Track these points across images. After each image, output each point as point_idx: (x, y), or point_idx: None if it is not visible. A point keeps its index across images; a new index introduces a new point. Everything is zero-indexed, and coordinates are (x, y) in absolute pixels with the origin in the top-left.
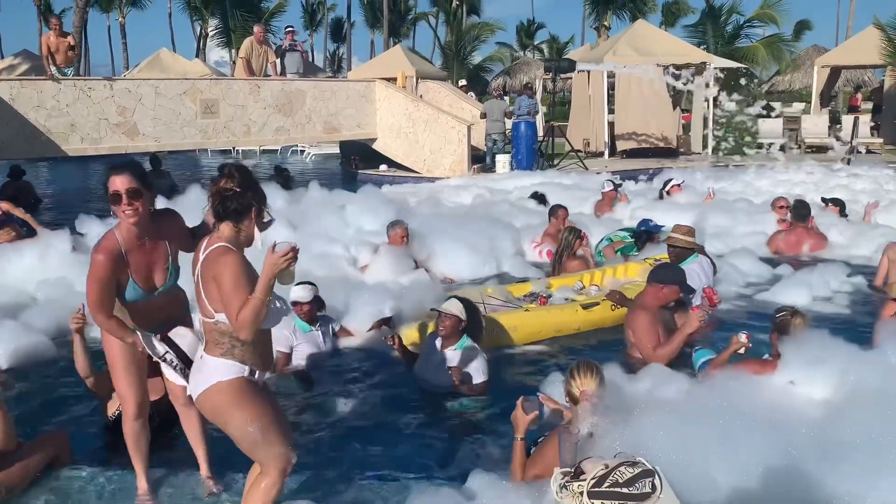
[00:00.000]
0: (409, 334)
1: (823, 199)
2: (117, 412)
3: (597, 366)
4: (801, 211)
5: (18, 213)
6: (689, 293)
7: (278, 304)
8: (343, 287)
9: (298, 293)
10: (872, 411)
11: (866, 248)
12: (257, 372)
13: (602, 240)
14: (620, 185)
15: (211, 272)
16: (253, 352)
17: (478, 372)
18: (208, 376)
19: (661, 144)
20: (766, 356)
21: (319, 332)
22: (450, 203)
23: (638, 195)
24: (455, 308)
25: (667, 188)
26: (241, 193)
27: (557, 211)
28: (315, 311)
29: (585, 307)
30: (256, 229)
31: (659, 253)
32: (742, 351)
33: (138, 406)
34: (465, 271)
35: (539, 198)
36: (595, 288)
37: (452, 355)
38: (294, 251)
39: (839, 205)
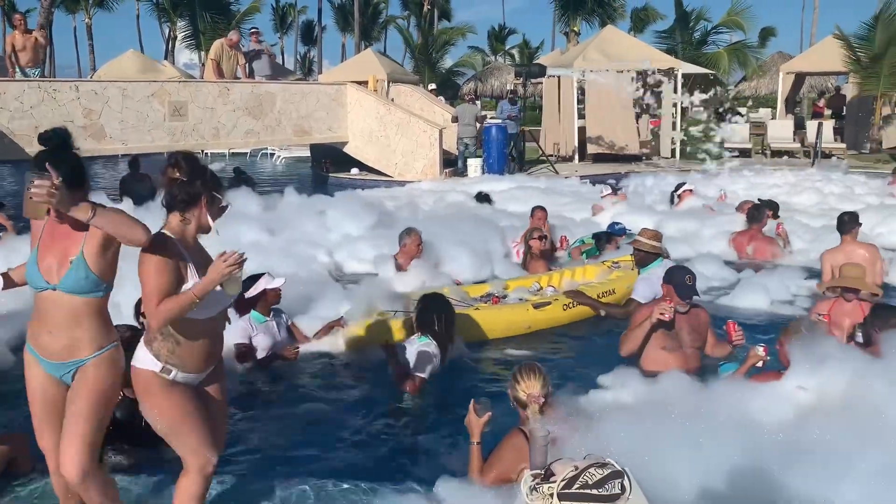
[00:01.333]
0: (355, 332)
1: (760, 200)
2: None
3: (537, 367)
4: (753, 213)
5: (1, 218)
6: (688, 295)
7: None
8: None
9: (277, 281)
10: (850, 415)
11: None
12: (174, 371)
13: (575, 241)
14: (620, 189)
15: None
16: (174, 351)
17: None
18: (134, 357)
19: (627, 152)
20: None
21: (274, 322)
22: (426, 207)
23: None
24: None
25: (678, 192)
26: (187, 182)
27: (535, 211)
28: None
29: (537, 306)
30: (210, 217)
31: (620, 255)
32: (760, 364)
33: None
34: (461, 273)
35: (483, 198)
36: (552, 289)
37: (409, 349)
38: (241, 259)
39: (773, 207)
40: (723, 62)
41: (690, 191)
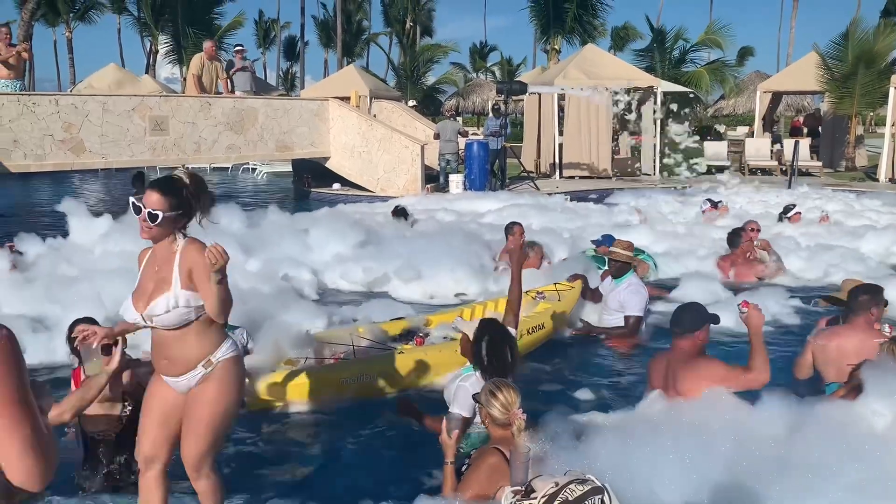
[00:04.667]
0: (263, 387)
1: (709, 201)
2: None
3: (509, 382)
4: (730, 238)
5: None
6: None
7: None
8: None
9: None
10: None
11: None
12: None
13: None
14: (720, 202)
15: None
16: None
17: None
18: None
19: (600, 173)
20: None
21: (243, 333)
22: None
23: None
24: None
25: (788, 215)
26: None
27: (513, 228)
28: None
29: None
30: None
31: (545, 286)
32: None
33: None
34: (454, 288)
35: (400, 212)
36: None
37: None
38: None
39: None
40: (703, 80)
41: (800, 213)
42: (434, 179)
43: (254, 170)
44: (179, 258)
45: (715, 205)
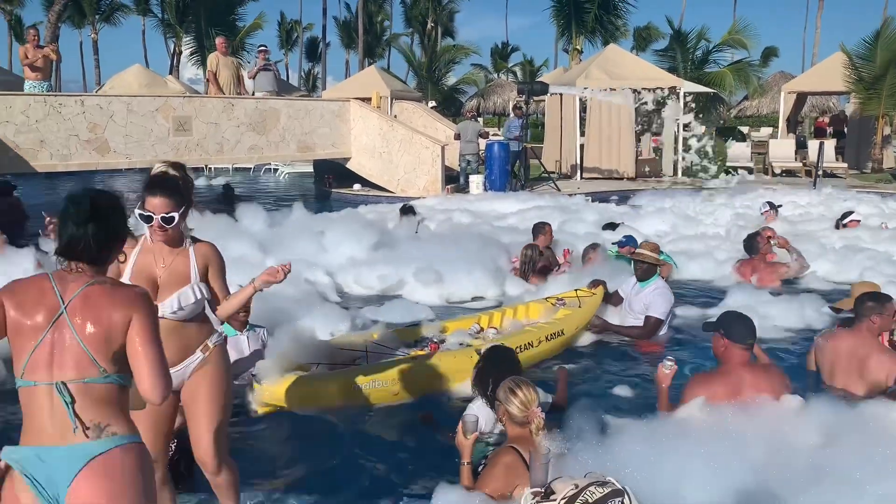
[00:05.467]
0: (273, 392)
1: (769, 203)
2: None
3: (527, 380)
4: (748, 243)
5: None
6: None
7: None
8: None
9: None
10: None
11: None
12: None
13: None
14: (780, 206)
15: None
16: None
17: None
18: None
19: (622, 176)
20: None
21: (245, 336)
22: (429, 223)
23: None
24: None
25: (844, 221)
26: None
27: (543, 227)
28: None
29: (481, 353)
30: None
31: (561, 291)
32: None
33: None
34: (472, 291)
35: (408, 211)
36: (493, 330)
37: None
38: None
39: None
40: (726, 81)
41: (858, 221)
42: (454, 180)
43: (275, 170)
44: (194, 252)
45: (775, 208)
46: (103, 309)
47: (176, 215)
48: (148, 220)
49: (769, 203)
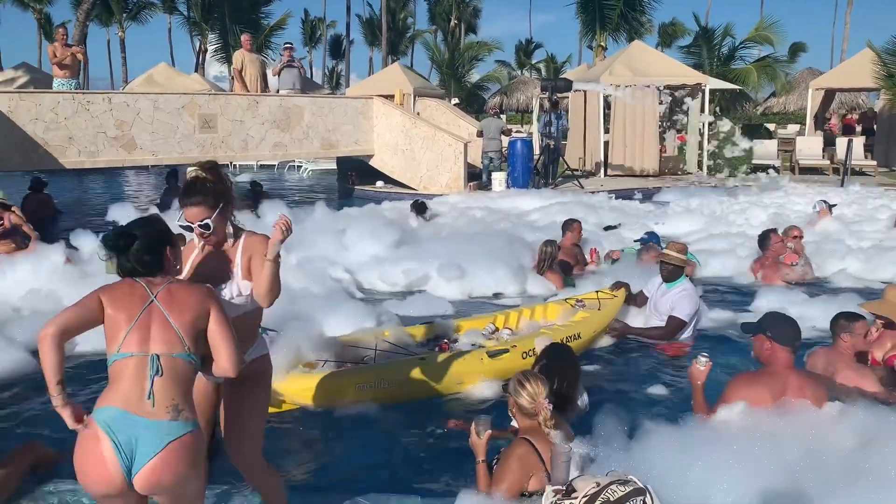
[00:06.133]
0: (277, 389)
1: (824, 202)
2: None
3: (537, 373)
4: (761, 239)
5: (26, 228)
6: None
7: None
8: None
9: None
10: None
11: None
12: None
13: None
14: (835, 205)
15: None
16: None
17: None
18: None
19: (645, 173)
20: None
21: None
22: (451, 220)
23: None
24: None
25: (817, 209)
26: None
27: (572, 224)
28: None
29: (492, 355)
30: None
31: (583, 293)
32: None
33: None
34: (493, 287)
35: (419, 206)
36: (507, 331)
37: None
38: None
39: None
40: (752, 77)
41: (830, 209)
42: (477, 177)
43: (299, 167)
44: (242, 249)
45: (830, 207)
46: (187, 299)
47: (210, 221)
48: (188, 229)
49: (824, 201)
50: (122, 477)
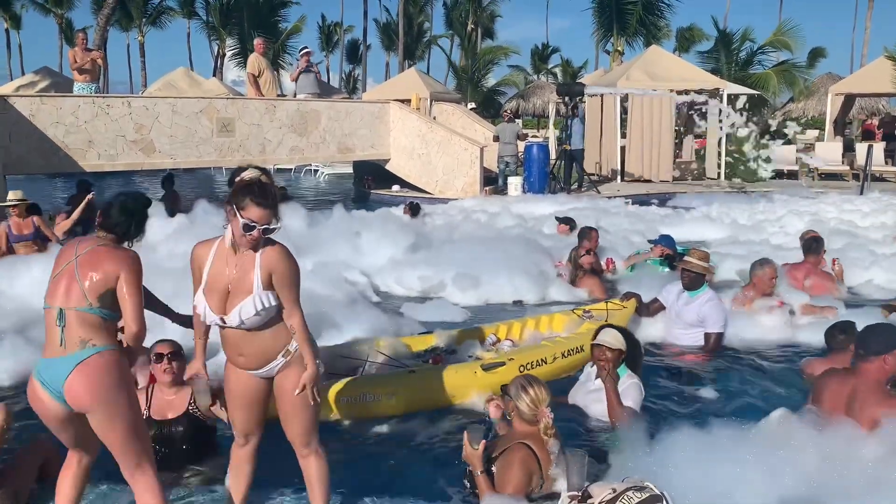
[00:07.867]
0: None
1: (557, 218)
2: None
3: (538, 378)
4: (811, 244)
5: (48, 232)
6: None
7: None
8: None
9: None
10: None
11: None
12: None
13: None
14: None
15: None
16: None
17: (633, 403)
18: None
19: (660, 179)
20: None
21: None
22: (467, 226)
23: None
24: (616, 341)
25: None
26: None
27: (589, 233)
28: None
29: (486, 368)
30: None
31: (594, 304)
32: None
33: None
34: (511, 294)
35: (413, 208)
36: (509, 343)
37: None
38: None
39: (569, 223)
40: (771, 83)
41: None
42: (493, 182)
43: (316, 171)
44: (260, 261)
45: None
46: (101, 261)
47: (274, 227)
48: (249, 228)
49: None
50: (56, 405)
